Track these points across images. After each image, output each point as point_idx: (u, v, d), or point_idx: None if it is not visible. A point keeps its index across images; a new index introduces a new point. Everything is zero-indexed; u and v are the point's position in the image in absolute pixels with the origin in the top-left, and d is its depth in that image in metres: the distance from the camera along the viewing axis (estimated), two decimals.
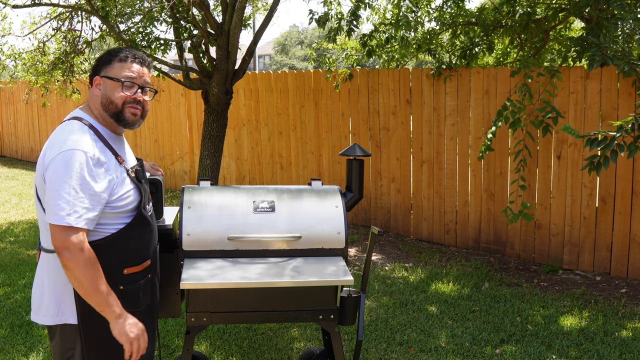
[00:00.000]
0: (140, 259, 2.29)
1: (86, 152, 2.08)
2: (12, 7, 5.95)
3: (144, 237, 2.30)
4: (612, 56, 4.47)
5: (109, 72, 2.24)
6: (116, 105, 2.22)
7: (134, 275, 2.26)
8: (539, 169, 5.69)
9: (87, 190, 2.07)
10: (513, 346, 4.01)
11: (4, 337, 4.14)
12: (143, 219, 2.28)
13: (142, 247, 2.30)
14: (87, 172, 2.07)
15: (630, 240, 5.24)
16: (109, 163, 2.16)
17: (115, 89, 2.22)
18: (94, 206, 2.08)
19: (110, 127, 2.27)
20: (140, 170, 2.34)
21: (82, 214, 2.05)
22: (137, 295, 2.28)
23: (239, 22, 5.52)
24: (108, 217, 2.17)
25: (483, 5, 6.76)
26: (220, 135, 6.05)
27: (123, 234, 2.21)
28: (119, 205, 2.18)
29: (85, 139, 2.13)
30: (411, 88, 6.61)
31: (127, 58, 2.24)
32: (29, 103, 12.25)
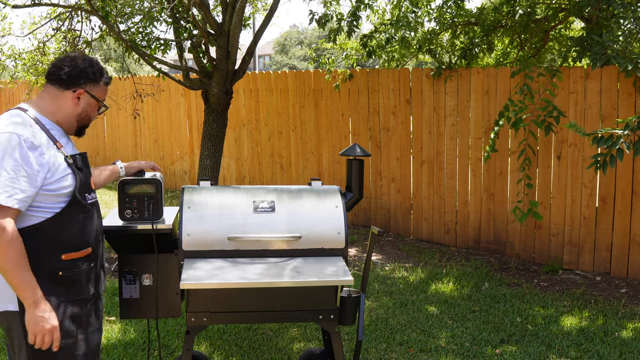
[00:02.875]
0: (80, 246, 2.32)
1: (19, 135, 2.14)
2: (12, 7, 5.94)
3: (82, 224, 2.33)
4: (615, 55, 4.47)
5: (94, 91, 2.39)
6: (89, 121, 2.43)
7: (73, 262, 2.29)
8: (539, 169, 5.69)
9: (19, 171, 2.12)
10: (513, 346, 4.01)
11: (4, 337, 4.13)
12: (80, 205, 2.31)
13: (80, 234, 2.32)
14: (18, 154, 2.12)
15: (630, 240, 5.24)
16: (45, 147, 2.21)
17: (94, 109, 2.42)
18: (25, 187, 2.13)
19: (64, 128, 2.37)
20: (79, 158, 2.38)
21: (13, 194, 2.10)
22: (79, 282, 2.31)
23: (239, 22, 5.52)
24: (43, 200, 2.21)
25: (483, 5, 6.76)
26: (220, 135, 6.05)
27: (59, 218, 2.24)
28: (53, 188, 2.22)
29: (21, 123, 2.19)
30: (411, 88, 6.61)
31: (108, 82, 2.43)
32: None
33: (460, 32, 6.96)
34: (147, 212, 2.83)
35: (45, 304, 2.18)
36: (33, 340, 2.18)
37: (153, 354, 3.79)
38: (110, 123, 11.01)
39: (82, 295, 2.32)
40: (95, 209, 2.44)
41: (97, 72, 2.39)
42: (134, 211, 2.83)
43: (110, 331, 4.23)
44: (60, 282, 2.25)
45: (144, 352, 3.89)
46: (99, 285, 2.45)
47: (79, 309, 2.32)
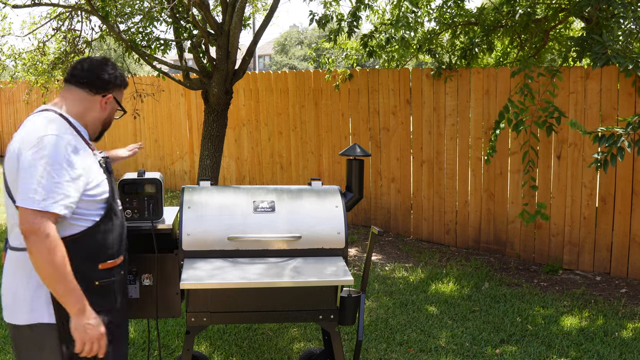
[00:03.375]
0: (115, 254, 2.27)
1: (62, 137, 2.08)
2: (12, 7, 5.94)
3: (116, 231, 2.28)
4: (615, 55, 4.46)
5: (119, 97, 2.38)
6: (110, 124, 2.41)
7: (109, 271, 2.24)
8: (539, 169, 5.69)
9: (64, 176, 2.04)
10: (513, 346, 4.01)
11: (4, 337, 4.13)
12: (114, 211, 2.26)
13: (115, 242, 2.27)
14: (63, 158, 2.05)
15: (630, 240, 5.24)
16: (84, 151, 2.16)
17: (113, 110, 2.38)
18: (71, 192, 2.06)
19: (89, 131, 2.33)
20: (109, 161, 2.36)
21: (59, 200, 2.02)
22: (112, 292, 2.26)
23: (239, 22, 5.52)
24: (84, 207, 2.15)
25: (483, 5, 6.75)
26: (220, 135, 6.05)
27: (97, 227, 2.18)
28: (94, 194, 2.16)
29: (61, 126, 2.13)
30: (411, 88, 6.61)
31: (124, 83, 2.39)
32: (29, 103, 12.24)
33: (460, 32, 6.96)
34: (147, 212, 2.83)
35: (91, 311, 2.12)
36: (81, 348, 2.11)
37: (153, 354, 3.79)
38: None
39: (113, 305, 2.27)
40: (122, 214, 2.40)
41: (122, 77, 2.37)
42: (134, 211, 2.83)
43: None
44: (96, 292, 2.18)
45: (144, 352, 3.89)
46: (126, 292, 2.42)
47: (111, 319, 2.24)
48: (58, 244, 2.02)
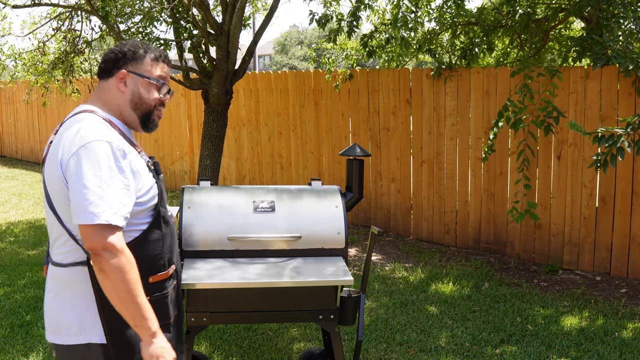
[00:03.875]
0: (166, 265, 2.05)
1: (111, 143, 1.87)
2: (12, 7, 5.95)
3: (166, 240, 2.06)
4: (615, 55, 4.46)
5: (140, 69, 2.03)
6: (149, 106, 2.04)
7: (161, 284, 2.02)
8: (539, 169, 5.69)
9: (118, 183, 1.84)
10: (513, 346, 4.01)
11: (4, 337, 4.13)
12: (164, 217, 2.04)
13: (166, 252, 2.05)
14: (114, 164, 1.85)
15: (630, 240, 5.24)
16: (131, 154, 1.95)
17: (149, 89, 2.04)
18: (127, 201, 1.86)
19: (130, 125, 2.08)
20: (157, 163, 2.13)
21: (118, 210, 1.82)
22: (165, 306, 2.04)
23: (239, 22, 5.52)
24: (135, 216, 1.94)
25: (483, 5, 6.75)
26: (220, 135, 6.05)
27: (146, 237, 1.97)
28: (144, 200, 1.95)
29: (104, 129, 1.92)
30: (411, 88, 6.61)
31: (159, 57, 2.07)
32: (29, 103, 12.25)
33: (460, 32, 6.96)
34: None
35: (163, 337, 1.90)
36: None
37: None
38: None
39: (168, 319, 2.06)
40: (173, 221, 2.17)
41: (136, 48, 2.04)
42: None
43: None
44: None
45: None
46: (180, 305, 2.19)
47: (168, 335, 2.03)
48: (132, 259, 1.83)
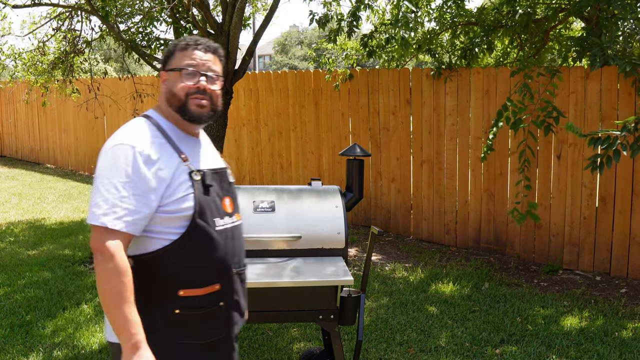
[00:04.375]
0: (202, 281, 1.91)
1: (134, 147, 1.83)
2: (12, 7, 5.95)
3: (206, 255, 1.92)
4: (614, 56, 4.47)
5: (172, 64, 1.99)
6: (179, 97, 1.95)
7: (192, 300, 1.90)
8: (539, 169, 5.69)
9: (131, 189, 1.81)
10: (513, 346, 4.01)
11: (4, 337, 4.13)
12: (203, 232, 1.90)
13: (203, 267, 1.92)
14: (132, 169, 1.81)
15: (630, 240, 5.24)
16: (165, 161, 1.87)
17: (176, 80, 1.96)
18: (138, 208, 1.81)
19: (182, 126, 2.00)
20: (210, 174, 1.97)
21: (122, 215, 1.79)
22: (199, 324, 1.92)
23: (239, 22, 5.51)
24: (162, 223, 1.88)
25: (483, 5, 6.75)
26: (220, 135, 6.05)
27: (177, 246, 1.88)
28: (171, 209, 1.87)
29: (138, 133, 1.89)
30: (411, 88, 6.61)
31: (188, 46, 1.98)
32: (29, 103, 12.26)
33: (460, 32, 6.96)
34: None
35: (147, 350, 1.78)
36: None
37: None
38: (110, 123, 11.01)
39: (202, 339, 1.93)
40: (231, 237, 1.99)
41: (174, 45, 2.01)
42: None
43: None
44: (176, 321, 1.89)
45: None
46: (229, 329, 2.01)
47: (198, 355, 1.93)
48: (122, 269, 1.77)
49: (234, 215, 2.04)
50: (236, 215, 2.05)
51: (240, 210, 2.13)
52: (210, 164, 2.02)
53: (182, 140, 1.98)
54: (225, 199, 2.01)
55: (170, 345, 1.89)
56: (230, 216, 2.01)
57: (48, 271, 5.54)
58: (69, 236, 6.80)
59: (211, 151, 2.10)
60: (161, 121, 1.98)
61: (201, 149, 2.03)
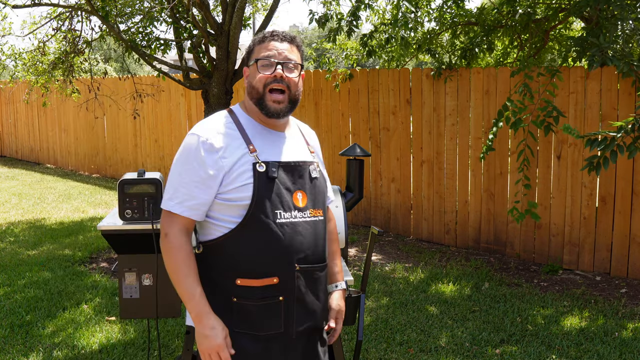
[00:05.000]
0: (259, 272, 1.92)
1: (199, 136, 1.93)
2: (12, 7, 5.95)
3: (263, 246, 1.92)
4: (612, 56, 4.47)
5: (251, 58, 2.04)
6: (257, 90, 1.97)
7: (248, 290, 1.92)
8: (539, 169, 5.69)
9: (190, 175, 1.91)
10: (513, 346, 4.01)
11: (4, 337, 4.13)
12: (260, 222, 1.91)
13: (261, 259, 1.93)
14: (193, 157, 1.92)
15: (630, 240, 5.24)
16: (230, 150, 1.92)
17: (255, 73, 1.99)
18: (196, 194, 1.91)
19: (262, 120, 2.02)
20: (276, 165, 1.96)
21: (182, 200, 1.91)
22: (253, 315, 1.93)
23: (239, 22, 5.51)
24: (221, 211, 1.94)
25: (483, 5, 6.76)
26: None
27: (235, 235, 1.93)
28: (229, 197, 1.92)
29: (210, 124, 1.97)
30: (411, 88, 6.61)
31: (265, 38, 2.02)
32: (29, 103, 12.26)
33: (460, 32, 6.96)
34: (147, 212, 2.83)
35: (210, 319, 1.89)
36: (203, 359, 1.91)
37: (153, 354, 3.79)
38: (110, 123, 11.01)
39: (258, 331, 1.94)
40: (298, 232, 1.96)
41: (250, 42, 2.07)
42: (134, 211, 2.83)
43: (110, 331, 4.23)
44: (234, 310, 1.93)
45: (144, 352, 3.89)
46: (290, 325, 1.98)
47: (252, 346, 1.95)
48: (175, 247, 1.91)
49: (308, 211, 2.00)
50: (312, 211, 2.01)
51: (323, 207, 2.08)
52: (285, 157, 2.00)
53: (259, 133, 2.00)
54: (298, 193, 1.99)
55: (231, 332, 1.93)
56: (302, 210, 1.98)
57: (48, 271, 5.54)
58: (69, 236, 6.80)
59: (294, 144, 2.08)
60: (240, 114, 2.03)
61: (283, 143, 2.03)
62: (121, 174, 10.61)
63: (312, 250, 1.99)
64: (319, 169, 2.11)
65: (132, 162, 10.58)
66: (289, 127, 2.12)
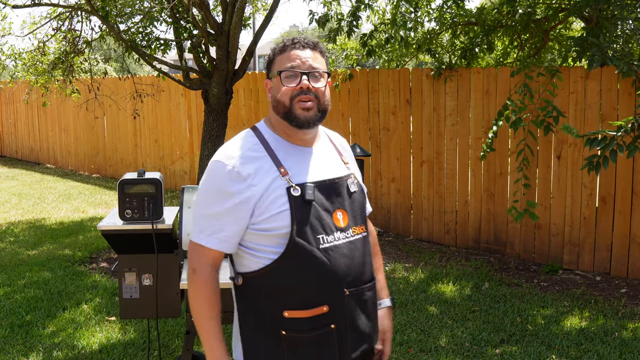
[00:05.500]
0: (305, 303, 1.78)
1: (226, 165, 1.78)
2: (12, 7, 5.95)
3: (308, 275, 1.77)
4: (612, 56, 4.47)
5: (272, 70, 1.88)
6: (283, 103, 1.81)
7: (297, 322, 1.78)
8: (539, 169, 5.69)
9: (218, 206, 1.78)
10: (513, 346, 4.01)
11: (4, 337, 4.13)
12: (303, 251, 1.75)
13: (307, 289, 1.78)
14: (219, 187, 1.78)
15: (630, 240, 5.24)
16: (259, 177, 1.77)
17: (279, 86, 1.83)
18: (225, 226, 1.78)
19: (290, 136, 1.86)
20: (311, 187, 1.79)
21: (212, 233, 1.79)
22: (307, 347, 1.79)
23: (239, 22, 5.51)
24: (258, 241, 1.80)
25: (483, 5, 6.76)
26: (220, 135, 6.05)
27: (278, 265, 1.77)
28: (266, 227, 1.77)
29: (235, 148, 1.82)
30: (411, 88, 6.61)
31: (285, 47, 1.86)
32: (29, 103, 12.26)
33: (460, 32, 6.96)
34: (147, 212, 2.83)
35: None
36: None
37: (153, 354, 3.79)
38: (110, 123, 11.01)
39: None
40: (343, 254, 1.81)
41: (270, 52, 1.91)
42: (134, 211, 2.83)
43: (111, 331, 4.23)
44: (284, 344, 1.79)
45: (144, 352, 3.89)
46: (345, 353, 1.84)
47: None
48: (202, 283, 1.81)
49: (350, 229, 1.84)
50: (354, 229, 1.86)
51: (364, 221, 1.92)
52: (320, 175, 1.85)
53: (287, 152, 1.85)
54: (337, 213, 1.83)
55: None
56: (344, 231, 1.83)
57: (48, 271, 5.54)
58: (69, 236, 6.80)
59: (327, 159, 1.91)
60: (266, 133, 1.87)
61: (312, 159, 1.87)
62: (121, 174, 10.61)
63: (359, 270, 1.85)
64: (356, 180, 1.95)
65: (132, 162, 10.58)
66: (318, 139, 1.95)
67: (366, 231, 1.92)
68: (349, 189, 1.89)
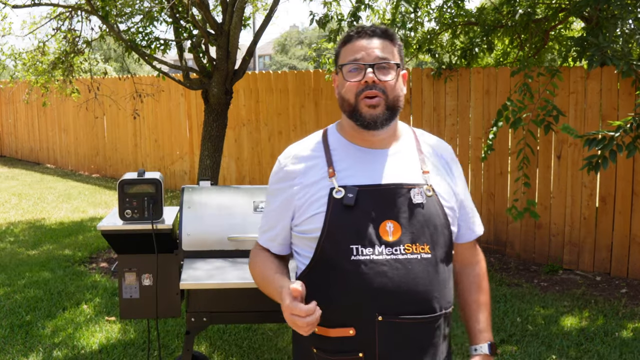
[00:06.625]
0: (332, 320, 1.58)
1: (281, 162, 1.74)
2: (12, 7, 5.95)
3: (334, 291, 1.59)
4: (612, 56, 4.47)
5: (344, 57, 1.67)
6: (348, 100, 1.63)
7: (325, 340, 1.61)
8: (539, 168, 5.69)
9: (272, 204, 1.75)
10: (513, 346, 4.01)
11: (4, 337, 4.13)
12: (328, 260, 1.59)
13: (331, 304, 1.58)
14: (275, 184, 1.74)
15: (630, 240, 5.24)
16: (307, 176, 1.66)
17: (342, 82, 1.65)
18: (273, 223, 1.74)
19: (356, 137, 1.68)
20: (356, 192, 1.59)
21: (264, 231, 1.79)
22: None
23: (239, 22, 5.51)
24: (299, 244, 1.70)
25: (483, 5, 6.75)
26: (220, 135, 6.05)
27: (308, 274, 1.65)
28: (302, 230, 1.66)
29: (297, 146, 1.76)
30: (411, 88, 6.61)
31: (350, 38, 1.66)
32: (29, 103, 12.25)
33: (460, 32, 6.96)
34: (147, 212, 2.83)
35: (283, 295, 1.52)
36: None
37: (153, 354, 3.79)
38: (110, 123, 11.01)
39: None
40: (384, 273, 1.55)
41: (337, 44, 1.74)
42: (134, 211, 2.83)
43: (110, 331, 4.23)
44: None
45: (144, 352, 3.89)
46: None
47: None
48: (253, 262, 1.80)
49: (402, 246, 1.57)
50: (410, 246, 1.57)
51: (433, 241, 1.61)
52: (377, 179, 1.62)
53: (348, 153, 1.67)
54: (387, 223, 1.58)
55: None
56: (391, 246, 1.56)
57: (48, 271, 5.54)
58: (69, 236, 6.80)
59: (398, 164, 1.66)
60: (332, 134, 1.73)
61: (377, 162, 1.65)
62: (121, 174, 10.61)
63: (405, 296, 1.56)
64: (431, 193, 1.64)
65: (132, 162, 10.58)
66: (399, 141, 1.71)
67: (432, 254, 1.60)
68: (412, 199, 1.61)
